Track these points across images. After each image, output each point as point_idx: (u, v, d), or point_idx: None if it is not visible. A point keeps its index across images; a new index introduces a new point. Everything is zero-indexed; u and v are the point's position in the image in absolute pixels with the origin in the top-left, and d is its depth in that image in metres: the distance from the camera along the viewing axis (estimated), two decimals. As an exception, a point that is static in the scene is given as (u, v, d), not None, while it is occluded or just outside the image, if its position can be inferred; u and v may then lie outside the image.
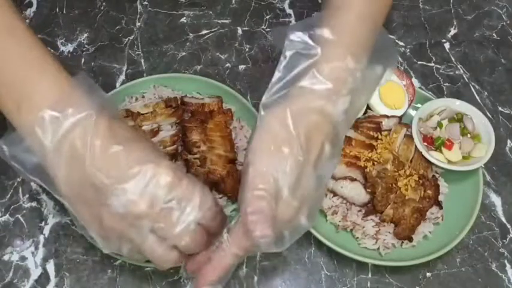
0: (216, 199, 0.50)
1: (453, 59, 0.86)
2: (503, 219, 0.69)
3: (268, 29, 0.88)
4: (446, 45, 0.88)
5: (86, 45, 0.84)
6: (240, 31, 0.88)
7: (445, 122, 0.70)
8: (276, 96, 0.49)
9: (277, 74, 0.49)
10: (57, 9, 0.89)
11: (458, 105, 0.72)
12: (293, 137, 0.46)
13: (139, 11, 0.89)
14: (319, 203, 0.57)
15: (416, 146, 0.68)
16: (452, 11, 0.93)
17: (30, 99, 0.45)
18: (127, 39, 0.86)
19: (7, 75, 0.46)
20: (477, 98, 0.82)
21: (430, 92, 0.79)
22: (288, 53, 0.49)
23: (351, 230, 0.64)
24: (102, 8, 0.89)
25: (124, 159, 0.44)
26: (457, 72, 0.85)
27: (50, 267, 0.62)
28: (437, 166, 0.68)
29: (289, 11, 0.91)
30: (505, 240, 0.68)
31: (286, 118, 0.47)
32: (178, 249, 0.47)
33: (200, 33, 0.87)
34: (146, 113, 0.70)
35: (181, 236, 0.46)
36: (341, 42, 0.49)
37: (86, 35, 0.86)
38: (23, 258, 0.63)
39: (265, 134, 0.48)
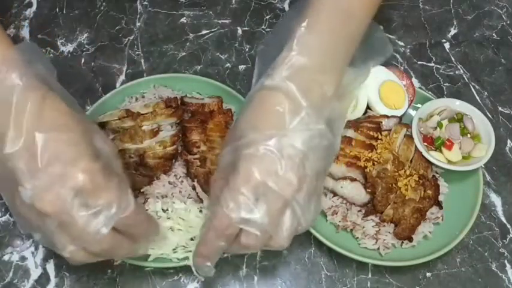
0: (142, 206, 0.48)
1: (453, 59, 0.86)
2: (503, 219, 0.69)
3: (268, 29, 0.88)
4: (446, 45, 0.88)
5: (86, 45, 0.84)
6: (240, 31, 0.88)
7: (445, 122, 0.70)
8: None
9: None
10: (57, 9, 0.89)
11: (458, 105, 0.72)
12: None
13: (139, 11, 0.89)
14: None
15: (416, 146, 0.68)
16: (452, 11, 0.93)
17: None
18: (127, 39, 0.86)
19: None
20: (477, 98, 0.82)
21: (430, 92, 0.79)
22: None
23: (351, 230, 0.64)
24: (102, 8, 0.89)
25: (40, 150, 0.43)
26: (457, 72, 0.85)
27: (50, 267, 0.62)
28: (437, 166, 0.68)
29: (289, 11, 0.91)
30: (505, 240, 0.68)
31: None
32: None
33: (200, 33, 0.87)
34: (146, 113, 0.69)
35: (90, 242, 0.45)
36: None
37: (86, 35, 0.86)
38: (23, 258, 0.63)
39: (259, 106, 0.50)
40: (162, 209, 0.63)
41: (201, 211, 0.63)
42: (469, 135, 0.70)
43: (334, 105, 0.52)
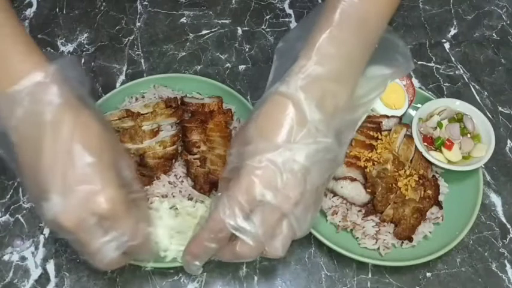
0: (147, 230, 0.52)
1: (453, 59, 0.86)
2: (503, 219, 0.69)
3: (268, 29, 0.88)
4: (446, 45, 0.88)
5: (86, 45, 0.84)
6: (240, 31, 0.88)
7: (445, 122, 0.70)
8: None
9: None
10: (57, 9, 0.89)
11: (458, 105, 0.72)
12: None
13: (139, 11, 0.89)
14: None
15: (416, 146, 0.68)
16: (452, 11, 0.93)
17: (8, 72, 0.45)
18: (127, 39, 0.86)
19: None
20: (477, 98, 0.82)
21: (430, 92, 0.79)
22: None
23: (351, 230, 0.64)
24: (102, 8, 0.89)
25: (71, 170, 0.45)
26: (457, 72, 0.85)
27: (50, 267, 0.62)
28: (437, 166, 0.68)
29: (289, 11, 0.91)
30: (505, 240, 0.68)
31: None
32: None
33: (200, 33, 0.87)
34: (146, 113, 0.70)
35: (97, 262, 0.48)
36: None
37: (86, 35, 0.86)
38: (23, 258, 0.63)
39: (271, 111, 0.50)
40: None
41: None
42: (469, 135, 0.70)
43: (345, 116, 0.52)
